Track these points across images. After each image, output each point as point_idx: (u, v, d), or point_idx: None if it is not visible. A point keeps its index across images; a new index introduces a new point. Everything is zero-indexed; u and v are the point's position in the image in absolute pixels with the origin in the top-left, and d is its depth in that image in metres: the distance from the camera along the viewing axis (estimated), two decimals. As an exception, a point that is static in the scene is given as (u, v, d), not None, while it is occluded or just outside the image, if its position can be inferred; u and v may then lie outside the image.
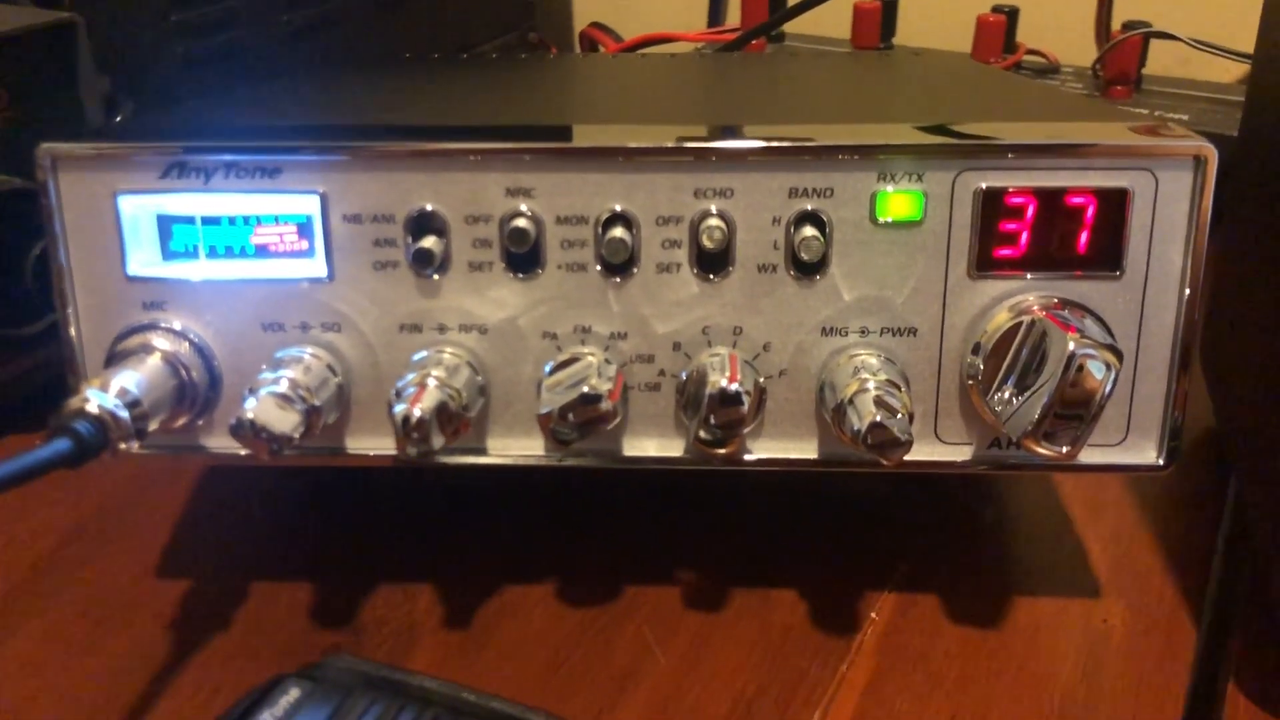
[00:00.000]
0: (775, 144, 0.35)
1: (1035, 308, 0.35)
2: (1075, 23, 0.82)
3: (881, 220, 0.35)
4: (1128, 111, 0.55)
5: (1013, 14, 0.81)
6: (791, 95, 0.50)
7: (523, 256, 0.36)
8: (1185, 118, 0.72)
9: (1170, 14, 0.78)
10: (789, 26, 0.86)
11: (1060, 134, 0.35)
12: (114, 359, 0.36)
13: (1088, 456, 0.36)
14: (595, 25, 0.87)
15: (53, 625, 0.40)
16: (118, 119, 0.55)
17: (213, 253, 0.36)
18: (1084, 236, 0.35)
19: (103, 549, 0.43)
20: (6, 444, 0.50)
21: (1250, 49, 0.49)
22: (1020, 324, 0.34)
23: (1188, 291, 0.35)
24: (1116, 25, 0.79)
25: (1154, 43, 0.77)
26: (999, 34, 0.80)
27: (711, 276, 0.36)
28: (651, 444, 0.37)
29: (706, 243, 0.35)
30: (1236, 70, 0.80)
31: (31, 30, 0.49)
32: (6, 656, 0.38)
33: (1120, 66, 0.76)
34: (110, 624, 0.40)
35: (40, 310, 0.50)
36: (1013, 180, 0.34)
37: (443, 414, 0.34)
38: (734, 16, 0.91)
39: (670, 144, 0.35)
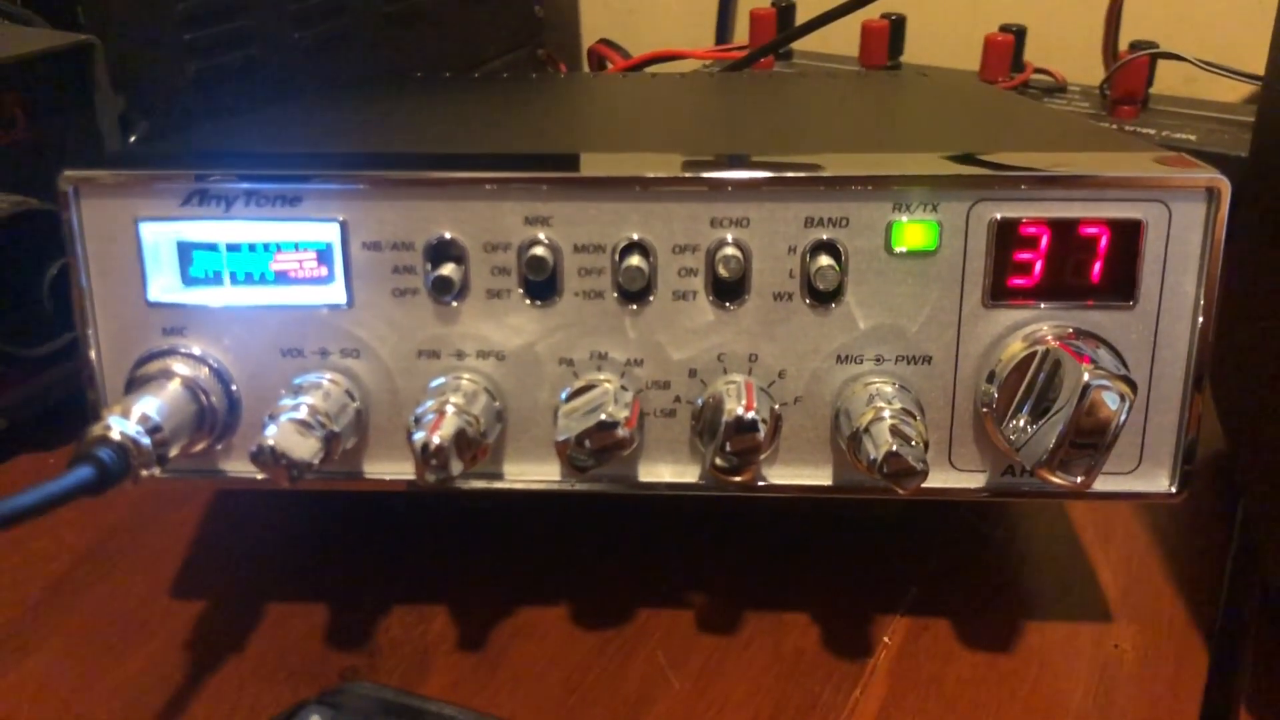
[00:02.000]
0: (791, 174, 0.35)
1: (1049, 337, 0.35)
2: (1082, 42, 0.83)
3: (897, 250, 0.35)
4: (1140, 140, 0.56)
5: (1020, 33, 0.81)
6: (805, 120, 0.50)
7: (540, 284, 0.36)
8: (1192, 138, 0.72)
9: (1177, 34, 0.79)
10: (797, 44, 0.86)
11: (1074, 165, 0.35)
12: (134, 384, 0.36)
13: (1101, 485, 0.36)
14: (603, 42, 0.87)
15: (67, 645, 0.40)
16: (133, 138, 0.55)
17: (233, 279, 0.36)
18: (1097, 267, 0.35)
19: (117, 569, 0.44)
20: (19, 463, 0.50)
21: (1257, 69, 0.49)
22: (1034, 353, 0.35)
23: (1200, 321, 0.35)
24: (1124, 45, 0.80)
25: (1161, 63, 0.78)
26: (1007, 53, 0.80)
27: (727, 304, 0.36)
28: (667, 470, 0.38)
29: (722, 271, 0.35)
30: (1243, 90, 0.81)
31: (49, 52, 0.49)
32: (21, 677, 0.39)
33: (1127, 86, 0.77)
34: (125, 645, 0.40)
35: (55, 330, 0.50)
36: (1027, 211, 0.35)
37: (461, 441, 0.34)
38: (742, 34, 0.91)
39: (687, 174, 0.35)
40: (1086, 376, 0.33)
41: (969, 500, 0.38)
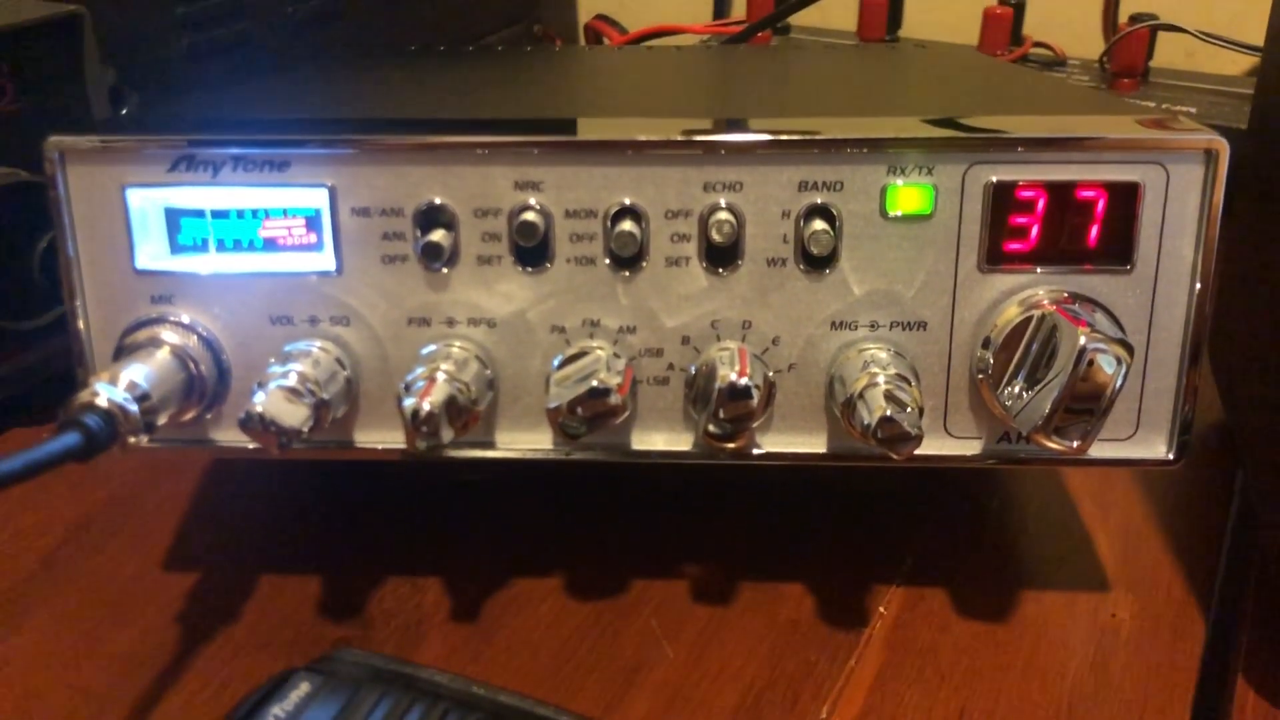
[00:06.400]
0: (785, 137, 0.34)
1: (1045, 302, 0.35)
2: (1082, 15, 0.82)
3: (891, 214, 0.35)
4: (1138, 105, 0.55)
5: (1019, 6, 0.81)
6: (800, 88, 0.50)
7: (531, 250, 0.35)
8: (1193, 110, 0.72)
9: (1177, 6, 0.78)
10: (795, 18, 0.86)
11: (1070, 127, 0.35)
12: (122, 352, 0.36)
13: (1098, 451, 0.36)
14: (600, 17, 0.87)
15: (61, 618, 0.40)
16: (124, 111, 0.55)
17: (221, 246, 0.36)
18: (1094, 230, 0.35)
19: (110, 542, 0.43)
20: (11, 437, 0.50)
21: (1258, 41, 0.48)
22: (1030, 318, 0.34)
23: (1198, 286, 0.35)
24: (1123, 18, 0.79)
25: (1161, 35, 0.77)
26: (1005, 27, 0.80)
27: (720, 270, 0.36)
28: (660, 438, 0.37)
29: (716, 236, 0.35)
30: (1244, 63, 0.80)
31: (37, 22, 0.49)
32: (15, 649, 0.38)
33: (1127, 59, 0.76)
34: (118, 617, 0.40)
35: (46, 304, 0.50)
36: (1023, 174, 0.34)
37: (452, 408, 0.34)
38: (739, 8, 0.91)
39: (679, 137, 0.35)
40: (1083, 340, 0.33)
41: (965, 467, 0.37)
